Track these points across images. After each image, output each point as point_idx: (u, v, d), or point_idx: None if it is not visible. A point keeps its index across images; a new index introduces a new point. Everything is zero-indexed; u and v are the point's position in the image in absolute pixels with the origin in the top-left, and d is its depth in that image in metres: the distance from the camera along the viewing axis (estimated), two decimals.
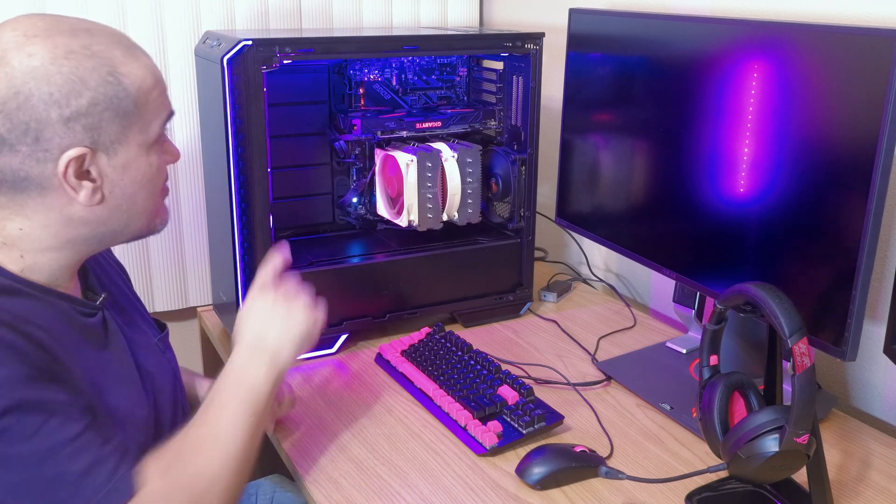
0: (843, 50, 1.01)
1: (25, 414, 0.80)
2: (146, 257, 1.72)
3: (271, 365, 1.00)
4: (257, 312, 1.04)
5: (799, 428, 0.88)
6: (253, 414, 0.96)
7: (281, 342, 1.01)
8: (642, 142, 1.37)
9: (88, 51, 0.85)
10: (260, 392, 0.98)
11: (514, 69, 1.52)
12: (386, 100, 1.58)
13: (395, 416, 1.23)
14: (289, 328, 1.02)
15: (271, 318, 1.03)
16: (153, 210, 0.96)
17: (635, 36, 1.35)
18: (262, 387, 0.98)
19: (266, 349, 1.00)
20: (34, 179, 0.86)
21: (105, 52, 0.86)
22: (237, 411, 0.95)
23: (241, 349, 1.01)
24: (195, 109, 1.60)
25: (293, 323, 1.03)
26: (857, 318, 1.01)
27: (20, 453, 0.80)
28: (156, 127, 0.92)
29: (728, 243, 1.20)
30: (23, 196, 0.87)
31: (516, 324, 1.56)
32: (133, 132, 0.89)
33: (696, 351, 1.19)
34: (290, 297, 1.05)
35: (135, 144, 0.90)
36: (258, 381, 0.98)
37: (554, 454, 1.07)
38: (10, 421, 0.79)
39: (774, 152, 1.11)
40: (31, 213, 0.88)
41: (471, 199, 1.53)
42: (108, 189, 0.89)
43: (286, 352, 1.01)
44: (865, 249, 0.99)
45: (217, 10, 1.67)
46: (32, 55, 0.83)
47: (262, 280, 1.07)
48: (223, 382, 0.98)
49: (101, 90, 0.85)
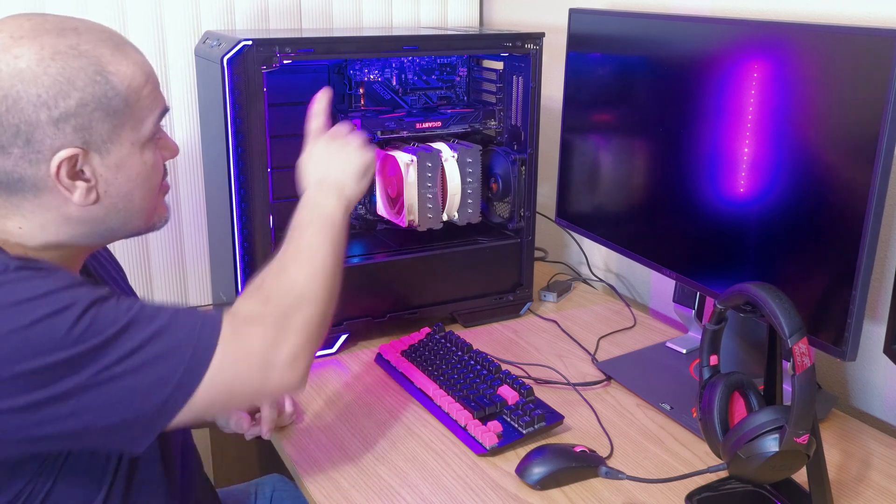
0: (843, 50, 1.01)
1: (101, 305, 0.83)
2: (146, 257, 1.72)
3: (339, 195, 1.06)
4: (315, 157, 1.11)
5: (799, 428, 0.88)
6: (331, 238, 1.02)
7: (343, 176, 1.08)
8: (642, 142, 1.37)
9: (75, 50, 0.85)
10: (334, 219, 1.04)
11: (514, 69, 1.52)
12: (386, 100, 1.58)
13: (395, 416, 1.23)
14: (347, 164, 1.09)
15: (329, 159, 1.10)
16: (151, 207, 0.96)
17: (635, 36, 1.35)
18: (335, 215, 1.04)
19: (332, 183, 1.07)
20: (28, 181, 0.86)
21: (92, 50, 0.86)
22: (316, 234, 1.01)
23: (308, 190, 1.08)
24: (195, 109, 1.60)
25: (350, 159, 1.10)
26: (857, 318, 1.01)
27: (116, 331, 0.82)
28: (149, 124, 0.91)
29: (728, 243, 1.20)
30: (18, 197, 0.87)
31: (516, 324, 1.56)
32: (125, 131, 0.89)
33: (696, 351, 1.20)
34: (342, 139, 1.12)
35: (128, 143, 0.89)
36: (330, 209, 1.04)
37: (554, 454, 1.07)
38: (93, 313, 0.82)
39: (774, 152, 1.11)
40: (28, 214, 0.88)
41: (471, 199, 1.53)
42: (102, 188, 0.89)
43: (350, 183, 1.08)
44: (865, 249, 0.99)
45: (217, 10, 1.67)
46: (19, 57, 0.82)
47: (313, 130, 1.14)
48: (299, 217, 1.04)
49: (89, 90, 0.85)
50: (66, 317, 0.80)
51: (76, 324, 0.80)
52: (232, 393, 0.89)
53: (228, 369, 0.87)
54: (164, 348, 0.84)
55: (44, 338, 0.79)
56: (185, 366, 0.84)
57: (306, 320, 0.94)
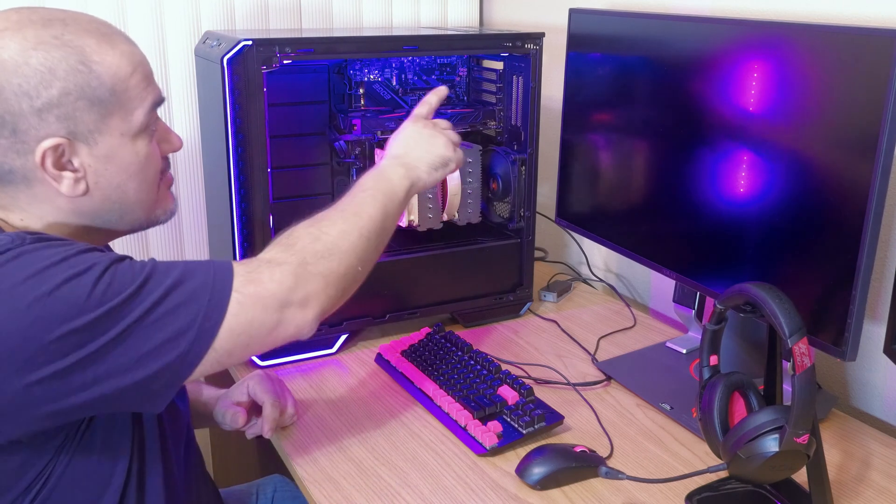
0: (843, 50, 1.01)
1: (117, 265, 0.84)
2: (146, 256, 1.72)
3: (406, 174, 1.10)
4: (405, 135, 1.16)
5: (799, 428, 0.88)
6: (383, 206, 1.04)
7: (420, 160, 1.12)
8: (642, 142, 1.37)
9: (59, 41, 0.85)
10: (394, 192, 1.07)
11: (514, 69, 1.52)
12: (386, 100, 1.58)
13: (395, 416, 1.23)
14: (429, 151, 1.14)
15: (417, 141, 1.14)
16: (150, 200, 0.96)
17: (635, 36, 1.35)
18: (397, 187, 1.08)
19: (405, 162, 1.11)
20: (18, 172, 0.86)
21: (76, 40, 0.86)
22: (370, 198, 1.04)
23: (386, 160, 1.13)
24: (195, 109, 1.60)
25: (435, 147, 1.14)
26: (857, 318, 1.01)
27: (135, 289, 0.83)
28: (140, 114, 0.91)
29: (728, 243, 1.20)
30: (13, 188, 0.88)
31: (516, 324, 1.56)
32: (113, 121, 0.89)
33: (696, 351, 1.20)
34: (438, 128, 1.17)
35: (117, 133, 0.89)
36: (393, 181, 1.08)
37: (554, 454, 1.07)
38: (111, 273, 0.82)
39: (774, 152, 1.11)
40: (25, 206, 0.89)
41: (471, 199, 1.53)
42: (92, 180, 0.89)
43: (423, 168, 1.12)
44: (865, 249, 0.99)
45: (217, 10, 1.67)
46: (2, 48, 0.83)
47: (417, 112, 1.20)
48: (362, 180, 1.08)
49: (71, 79, 0.85)
50: (85, 280, 0.80)
51: (96, 285, 0.81)
52: (251, 336, 0.89)
53: (245, 312, 0.88)
54: (182, 298, 0.85)
55: (67, 303, 0.79)
56: (203, 312, 0.85)
57: (327, 270, 0.95)
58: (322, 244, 0.96)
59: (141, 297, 0.83)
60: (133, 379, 0.82)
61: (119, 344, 0.81)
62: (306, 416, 1.23)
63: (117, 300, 0.81)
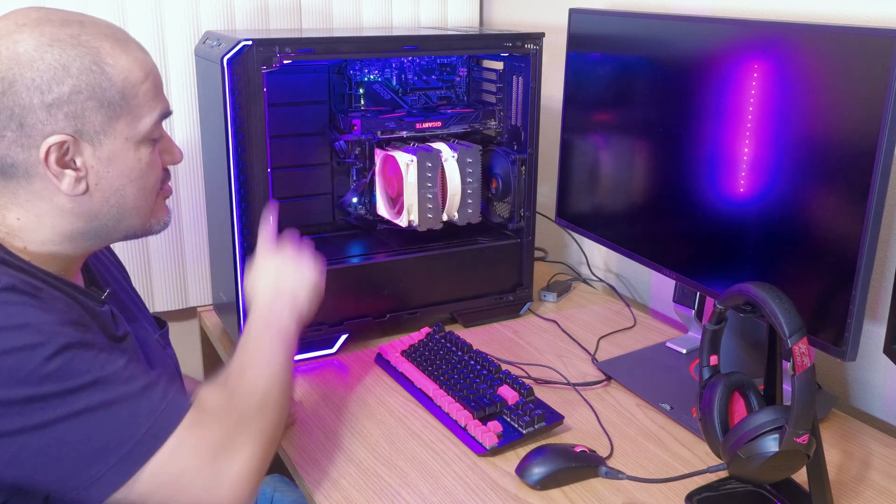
0: (843, 50, 1.01)
1: (78, 351, 0.82)
2: (146, 257, 1.72)
3: (293, 306, 1.06)
4: (267, 271, 1.10)
5: (799, 428, 0.88)
6: (286, 348, 1.02)
7: (296, 289, 1.08)
8: (642, 142, 1.37)
9: (75, 40, 0.86)
10: (287, 330, 1.04)
11: (514, 69, 1.52)
12: (386, 100, 1.58)
13: (395, 416, 1.23)
14: (300, 279, 1.09)
15: (282, 274, 1.09)
16: (147, 208, 0.96)
17: (635, 36, 1.35)
18: (289, 326, 1.04)
19: (284, 295, 1.07)
20: (20, 166, 0.86)
21: (92, 42, 0.87)
22: (272, 341, 1.01)
23: (259, 302, 1.07)
24: (195, 109, 1.60)
25: (303, 275, 1.10)
26: (857, 318, 1.01)
27: (81, 384, 0.81)
28: (147, 122, 0.91)
29: (728, 243, 1.20)
30: (13, 184, 0.88)
31: (516, 324, 1.56)
32: (120, 124, 0.89)
33: (696, 351, 1.20)
34: (294, 255, 1.12)
35: (122, 137, 0.90)
36: (284, 320, 1.04)
37: (554, 454, 1.07)
38: (67, 357, 0.81)
39: (774, 152, 1.11)
40: (24, 203, 0.89)
41: (471, 199, 1.53)
42: (93, 180, 0.89)
43: (303, 297, 1.08)
44: (865, 249, 0.99)
45: (217, 10, 1.67)
46: (18, 42, 0.84)
47: (263, 244, 1.14)
48: (254, 325, 1.04)
49: (83, 78, 0.85)
50: (36, 354, 0.79)
51: (45, 363, 0.79)
52: (177, 486, 0.84)
53: (180, 459, 0.84)
54: (121, 416, 0.82)
55: (10, 371, 0.78)
56: (135, 440, 0.82)
57: (264, 428, 0.93)
58: (258, 397, 0.94)
59: (83, 396, 0.81)
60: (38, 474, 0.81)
61: (39, 432, 0.80)
62: (306, 416, 1.23)
63: (59, 387, 0.80)
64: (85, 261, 1.00)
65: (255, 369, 0.98)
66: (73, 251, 0.94)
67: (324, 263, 1.13)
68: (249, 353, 1.00)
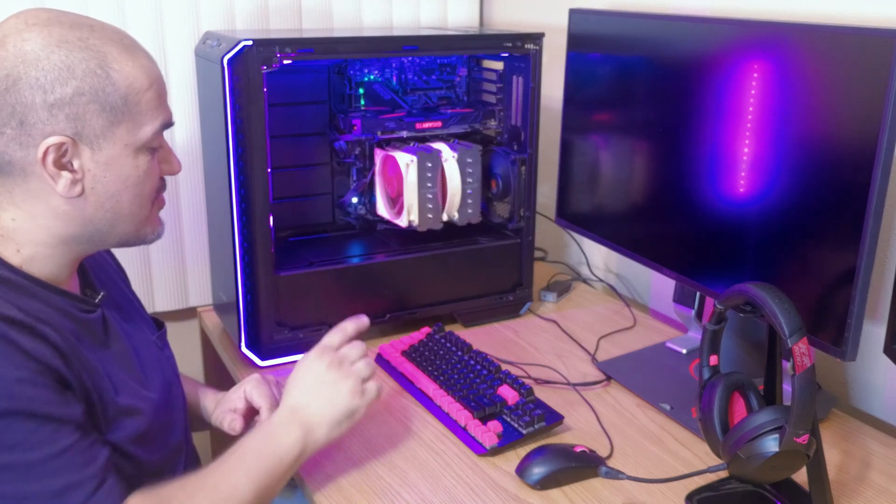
0: (843, 50, 1.01)
1: (17, 421, 0.80)
2: (146, 257, 1.72)
3: (302, 438, 0.99)
4: (307, 376, 1.03)
5: (799, 428, 0.88)
6: (268, 476, 0.94)
7: (321, 416, 1.00)
8: (642, 142, 1.37)
9: (83, 43, 0.86)
10: (282, 458, 0.96)
11: (514, 69, 1.52)
12: (386, 100, 1.58)
13: (395, 416, 1.23)
14: (333, 402, 1.01)
15: (319, 388, 1.02)
16: (142, 216, 0.96)
17: (635, 36, 1.35)
18: (286, 454, 0.97)
19: (303, 421, 1.00)
20: (17, 164, 0.86)
21: (100, 46, 0.87)
22: (252, 466, 0.94)
23: (282, 409, 1.01)
24: (195, 110, 1.60)
25: (339, 397, 1.01)
26: (857, 318, 1.01)
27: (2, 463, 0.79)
28: (148, 130, 0.91)
29: (728, 243, 1.20)
30: (9, 181, 0.88)
31: (516, 324, 1.56)
32: (121, 130, 0.89)
33: (696, 351, 1.19)
34: (345, 368, 1.03)
35: (121, 143, 0.89)
36: (283, 446, 0.97)
37: (554, 454, 1.07)
38: (11, 425, 0.79)
39: (774, 152, 1.11)
40: (20, 202, 0.89)
41: (471, 199, 1.53)
42: (89, 184, 0.89)
43: (324, 425, 1.00)
44: (865, 249, 0.99)
45: (217, 10, 1.67)
46: (27, 40, 0.84)
47: (326, 341, 1.07)
48: (248, 441, 0.98)
49: (87, 80, 0.85)
50: None
51: None
52: None
53: None
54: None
55: None
56: None
57: None
58: None
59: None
60: None
61: None
62: None
63: None
64: (81, 263, 0.99)
65: (209, 495, 0.90)
66: (67, 255, 0.94)
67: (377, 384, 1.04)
68: (219, 472, 0.92)
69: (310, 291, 1.39)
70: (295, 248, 1.52)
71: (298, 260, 1.43)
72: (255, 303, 1.35)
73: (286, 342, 1.37)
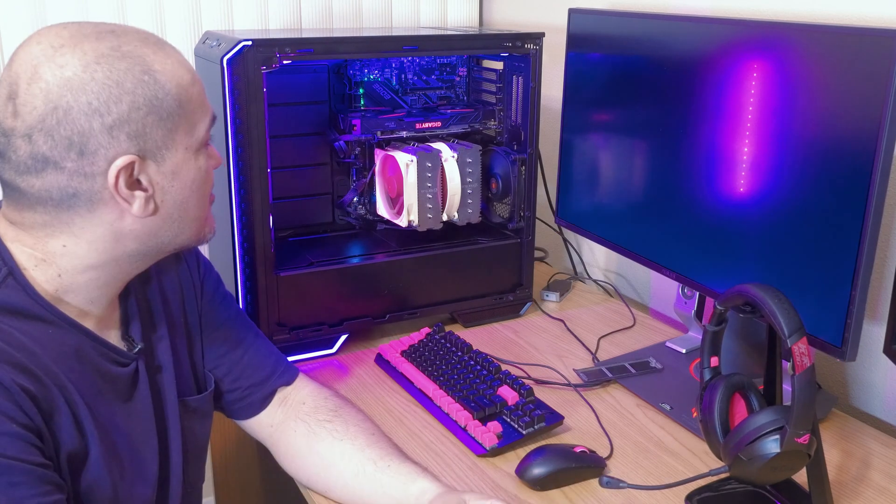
0: (843, 50, 1.01)
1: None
2: None
3: None
4: None
5: (799, 428, 0.88)
6: None
7: None
8: (642, 142, 1.37)
9: (118, 52, 0.81)
10: None
11: (514, 69, 1.52)
12: (386, 100, 1.58)
13: (395, 417, 1.23)
14: None
15: None
16: (203, 217, 0.92)
17: (635, 36, 1.35)
18: None
19: None
20: (83, 195, 0.81)
21: (135, 51, 0.82)
22: None
23: None
24: None
25: None
26: (857, 318, 1.01)
27: None
28: (202, 129, 0.88)
29: (728, 243, 1.20)
30: (69, 213, 0.82)
31: (516, 324, 1.56)
32: (179, 135, 0.85)
33: (696, 351, 1.20)
34: None
35: (182, 148, 0.85)
36: None
37: (554, 455, 1.07)
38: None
39: (774, 152, 1.11)
40: (77, 231, 0.84)
41: (471, 199, 1.53)
42: (159, 198, 0.85)
43: None
44: (865, 249, 0.99)
45: (217, 10, 1.67)
46: (64, 66, 0.78)
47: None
48: None
49: (139, 91, 0.81)
50: None
51: None
52: None
53: None
54: None
55: None
56: None
57: None
58: None
59: None
60: None
61: None
62: None
63: None
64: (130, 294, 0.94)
65: None
66: (116, 275, 0.89)
67: None
68: None
69: (310, 292, 1.39)
70: (295, 249, 1.51)
71: (298, 260, 1.43)
72: (255, 303, 1.35)
73: (286, 342, 1.37)
